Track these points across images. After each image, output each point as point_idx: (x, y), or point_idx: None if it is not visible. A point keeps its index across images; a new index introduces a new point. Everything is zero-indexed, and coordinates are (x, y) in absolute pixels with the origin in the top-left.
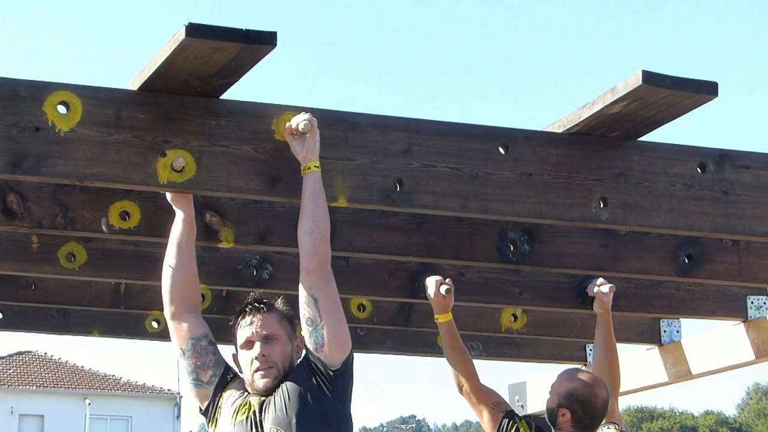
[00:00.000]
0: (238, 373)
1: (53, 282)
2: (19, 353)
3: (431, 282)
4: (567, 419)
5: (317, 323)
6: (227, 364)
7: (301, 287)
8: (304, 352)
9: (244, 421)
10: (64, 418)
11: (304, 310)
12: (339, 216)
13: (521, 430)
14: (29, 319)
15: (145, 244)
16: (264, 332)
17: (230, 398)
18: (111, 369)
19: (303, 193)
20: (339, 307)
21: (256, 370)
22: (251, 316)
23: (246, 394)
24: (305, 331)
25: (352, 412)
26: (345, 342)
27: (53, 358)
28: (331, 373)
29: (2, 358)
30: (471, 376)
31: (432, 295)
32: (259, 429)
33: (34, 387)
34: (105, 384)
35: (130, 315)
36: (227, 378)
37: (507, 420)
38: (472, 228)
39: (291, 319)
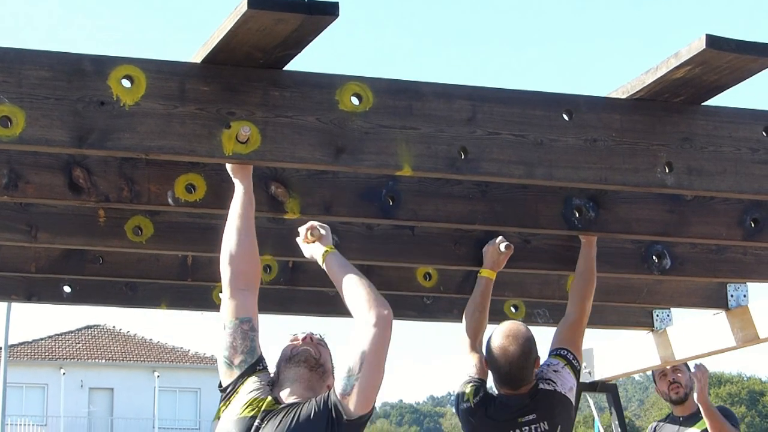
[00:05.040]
0: (267, 370)
1: (120, 255)
2: (88, 327)
3: (494, 239)
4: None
5: (353, 374)
6: (261, 355)
7: (355, 334)
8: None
9: (246, 419)
10: (134, 390)
11: (348, 356)
12: (404, 185)
13: (466, 391)
14: (97, 292)
15: (211, 216)
16: (316, 351)
17: (250, 386)
18: (179, 341)
19: (333, 275)
20: (382, 368)
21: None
22: (309, 341)
23: (265, 390)
24: (338, 372)
25: None
26: (370, 402)
27: (121, 331)
28: (344, 421)
29: (71, 332)
30: (475, 335)
31: (489, 249)
32: None
33: (104, 360)
34: (173, 356)
35: (197, 287)
36: (257, 368)
37: (466, 381)
38: (537, 195)
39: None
